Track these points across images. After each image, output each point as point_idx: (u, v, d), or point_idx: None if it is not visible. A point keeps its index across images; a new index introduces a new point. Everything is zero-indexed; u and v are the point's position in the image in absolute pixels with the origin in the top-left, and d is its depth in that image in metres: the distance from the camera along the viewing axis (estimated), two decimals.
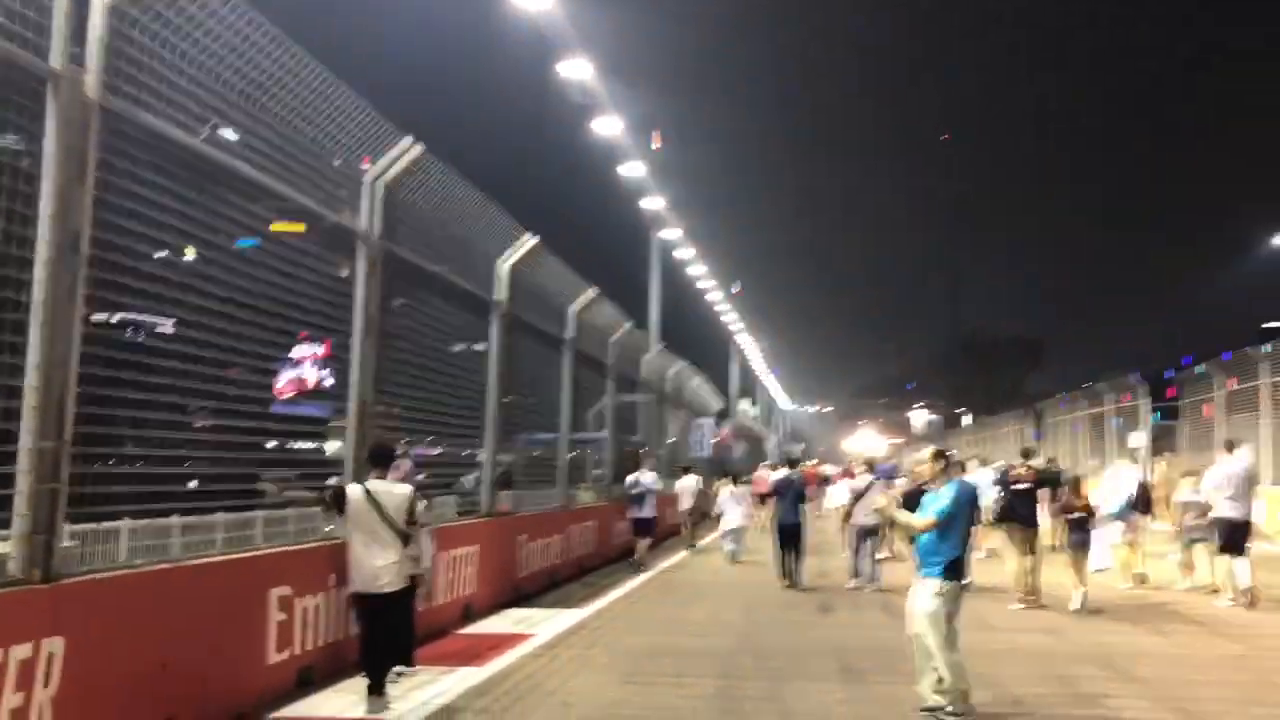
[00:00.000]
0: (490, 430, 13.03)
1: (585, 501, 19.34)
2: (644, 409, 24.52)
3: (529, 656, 9.59)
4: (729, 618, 12.03)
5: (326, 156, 9.00)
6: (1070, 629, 11.15)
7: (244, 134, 7.86)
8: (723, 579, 16.29)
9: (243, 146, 7.85)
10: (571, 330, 16.81)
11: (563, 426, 16.79)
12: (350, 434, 9.19)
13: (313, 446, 10.23)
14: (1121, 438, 35.10)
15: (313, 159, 8.75)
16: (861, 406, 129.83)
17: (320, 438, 11.03)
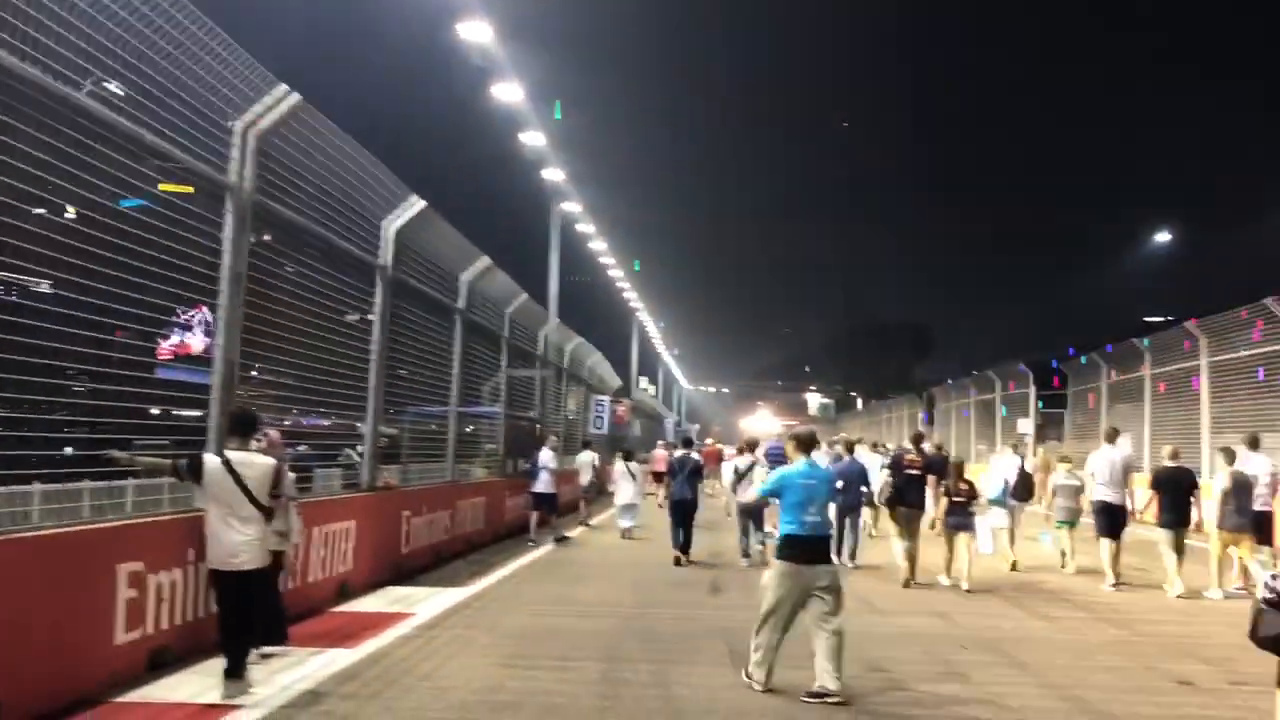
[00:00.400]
0: (373, 400, 12.44)
1: (477, 477, 18.83)
2: (541, 384, 24.04)
3: (405, 637, 9.11)
4: (617, 597, 11.70)
5: (195, 102, 8.33)
6: (958, 613, 11.11)
7: (108, 78, 7.20)
8: (614, 557, 15.97)
9: (102, 88, 7.19)
10: (463, 299, 16.24)
11: (453, 399, 16.23)
12: (215, 399, 8.55)
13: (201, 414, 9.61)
14: (1010, 424, 35.99)
15: (178, 103, 8.09)
16: (758, 388, 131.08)
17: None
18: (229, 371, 8.66)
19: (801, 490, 7.63)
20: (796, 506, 7.57)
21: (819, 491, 7.70)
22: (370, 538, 12.09)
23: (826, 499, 7.90)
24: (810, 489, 7.65)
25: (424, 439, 16.43)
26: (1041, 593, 12.70)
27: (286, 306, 10.47)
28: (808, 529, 7.53)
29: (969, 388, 40.51)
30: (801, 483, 7.67)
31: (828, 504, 7.94)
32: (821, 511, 7.70)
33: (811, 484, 7.69)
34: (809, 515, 7.54)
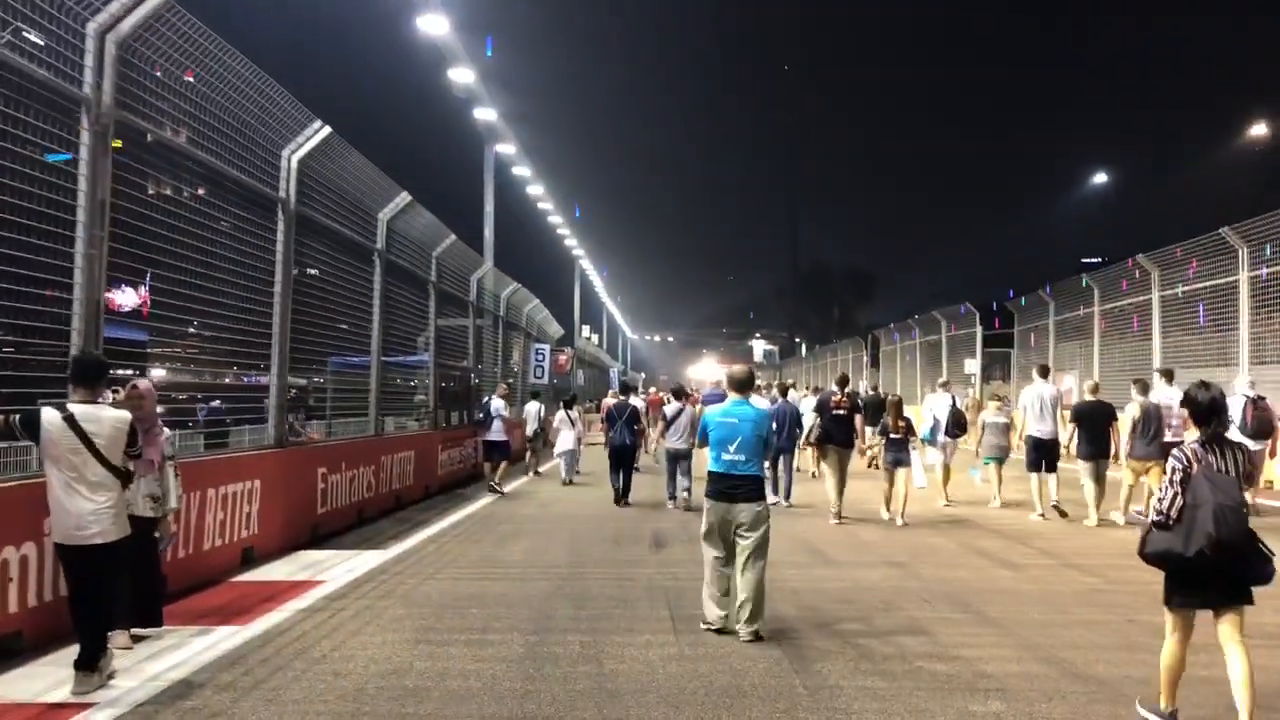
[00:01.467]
0: (277, 348, 11.31)
1: (407, 430, 17.75)
2: (476, 333, 22.90)
3: (308, 610, 8.10)
4: (551, 557, 10.78)
5: (44, 4, 7.10)
6: (916, 562, 10.36)
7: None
8: (552, 511, 15.03)
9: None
10: (382, 239, 15.04)
11: (374, 347, 15.08)
12: (75, 345, 7.40)
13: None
14: (956, 365, 35.63)
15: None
16: (704, 336, 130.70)
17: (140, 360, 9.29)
18: (91, 314, 7.51)
19: (723, 428, 7.59)
20: (717, 444, 7.58)
21: (740, 430, 7.55)
22: (280, 498, 11.04)
23: (751, 438, 7.57)
24: (731, 427, 7.57)
25: (350, 393, 15.30)
26: (974, 527, 13.05)
27: (173, 244, 9.28)
28: (724, 466, 7.53)
29: (913, 329, 40.03)
30: (722, 420, 7.64)
31: (756, 443, 7.61)
32: (745, 449, 7.52)
33: (732, 422, 7.60)
34: (727, 453, 7.51)
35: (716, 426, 7.64)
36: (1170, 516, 5.14)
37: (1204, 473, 5.13)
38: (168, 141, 8.79)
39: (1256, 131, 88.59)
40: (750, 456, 7.57)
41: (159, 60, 8.47)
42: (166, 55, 8.60)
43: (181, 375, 11.54)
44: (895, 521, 13.00)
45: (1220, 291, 19.59)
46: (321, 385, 14.84)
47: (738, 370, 8.38)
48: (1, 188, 6.98)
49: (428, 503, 16.34)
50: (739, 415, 7.68)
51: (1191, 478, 5.13)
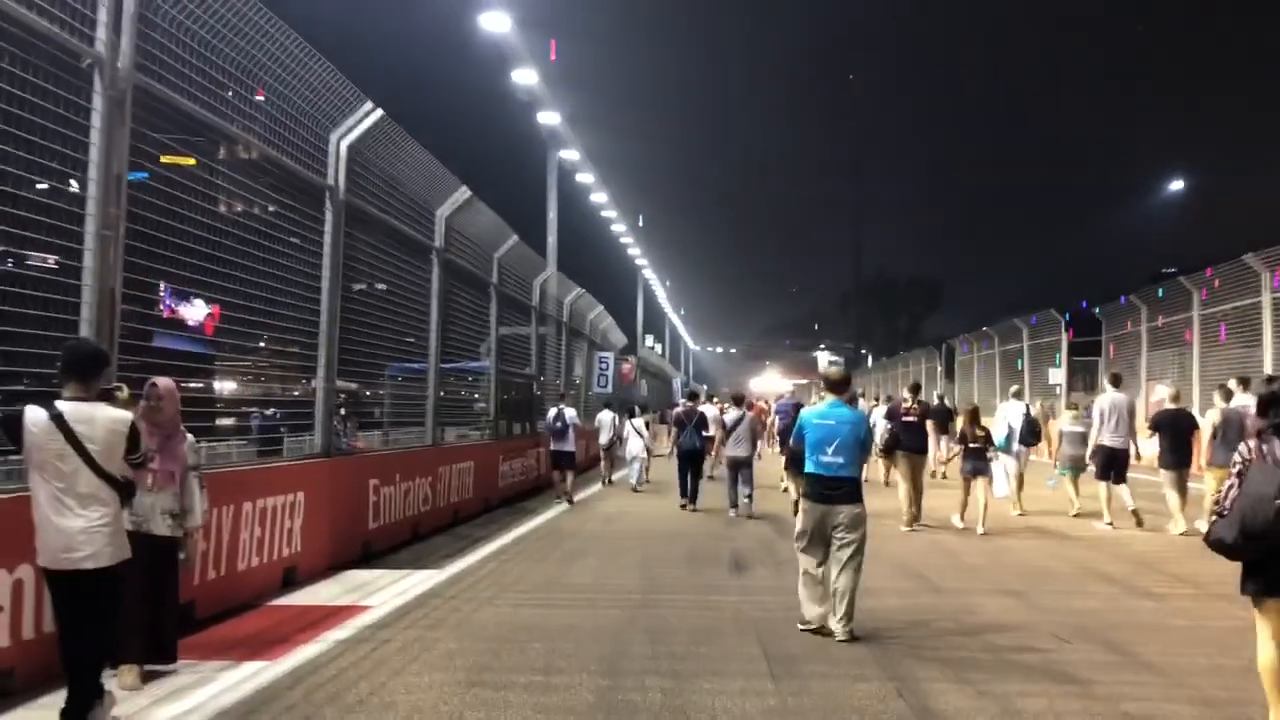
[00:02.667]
0: (324, 350, 10.41)
1: (467, 440, 16.83)
2: (539, 340, 21.97)
3: (349, 642, 7.12)
4: (622, 580, 9.69)
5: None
6: (1032, 591, 9.11)
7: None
8: (618, 527, 13.96)
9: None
10: (440, 237, 14.14)
11: (431, 351, 14.16)
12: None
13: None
14: (1035, 374, 33.98)
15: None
16: (767, 347, 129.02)
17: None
18: (105, 304, 6.61)
19: (820, 429, 7.53)
20: (815, 445, 7.51)
21: (839, 431, 7.47)
22: (326, 512, 10.12)
23: (850, 440, 7.48)
24: (830, 429, 7.50)
25: (407, 401, 14.40)
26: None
27: (206, 229, 8.40)
28: (822, 468, 7.46)
29: (991, 338, 38.36)
30: (818, 422, 7.59)
31: (855, 445, 7.50)
32: (844, 451, 7.43)
33: (829, 424, 7.54)
34: (825, 455, 7.44)
35: (814, 428, 7.55)
36: (1225, 507, 5.14)
37: (1258, 464, 5.07)
38: (195, 113, 7.86)
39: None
40: (849, 458, 7.47)
41: (187, 21, 7.58)
42: (196, 18, 7.72)
43: (227, 381, 10.72)
44: (975, 529, 12.76)
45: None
46: (377, 393, 13.98)
47: (834, 371, 8.30)
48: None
49: (488, 517, 15.37)
50: (837, 417, 7.60)
51: (1249, 468, 5.09)
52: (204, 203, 8.42)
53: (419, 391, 14.32)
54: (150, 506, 6.04)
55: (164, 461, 6.12)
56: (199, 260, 8.27)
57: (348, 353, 11.09)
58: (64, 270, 6.63)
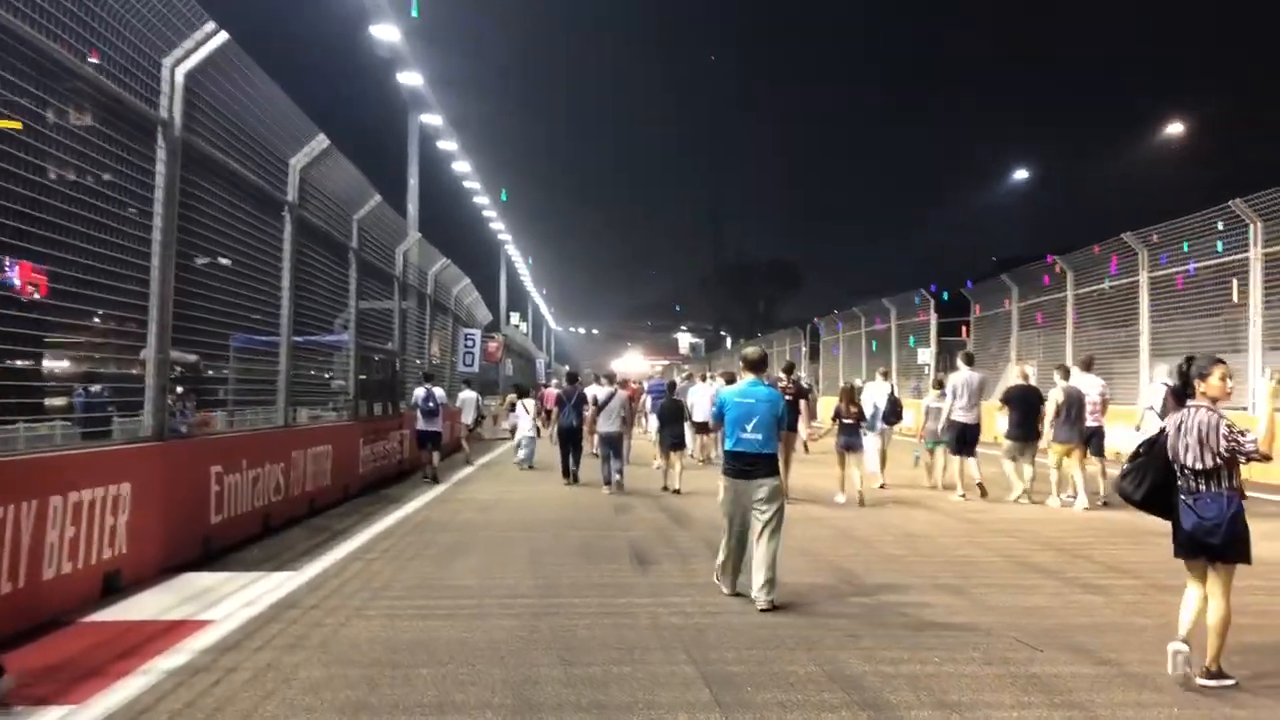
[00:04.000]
0: (156, 313, 8.78)
1: (323, 420, 15.23)
2: (401, 313, 20.34)
3: (184, 671, 5.69)
4: (512, 580, 8.42)
5: None
6: (971, 586, 8.27)
7: None
8: (497, 516, 12.66)
9: None
10: (294, 190, 12.52)
11: (283, 321, 12.53)
12: None
13: None
14: (903, 354, 34.06)
15: None
16: (629, 328, 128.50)
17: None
18: None
19: (740, 408, 7.66)
20: (733, 423, 7.64)
21: (757, 410, 7.63)
22: (158, 505, 8.56)
23: (768, 417, 7.64)
24: (749, 407, 7.64)
25: (256, 378, 12.70)
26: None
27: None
28: (742, 445, 7.60)
29: (858, 318, 38.33)
30: (738, 400, 7.71)
31: (772, 422, 7.66)
32: (762, 428, 7.59)
33: (750, 402, 7.67)
34: (744, 432, 7.59)
35: (733, 406, 7.67)
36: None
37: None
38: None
39: (1172, 130, 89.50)
40: (767, 435, 7.61)
41: None
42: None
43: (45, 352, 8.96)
44: (857, 503, 13.34)
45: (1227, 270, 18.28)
46: (221, 370, 12.27)
47: (751, 351, 8.30)
48: None
49: (349, 506, 13.85)
50: (755, 395, 7.72)
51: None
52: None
53: (269, 366, 12.67)
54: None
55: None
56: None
57: (186, 319, 9.47)
58: None
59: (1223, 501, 5.37)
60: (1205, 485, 5.42)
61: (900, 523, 11.78)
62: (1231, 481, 5.41)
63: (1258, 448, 5.35)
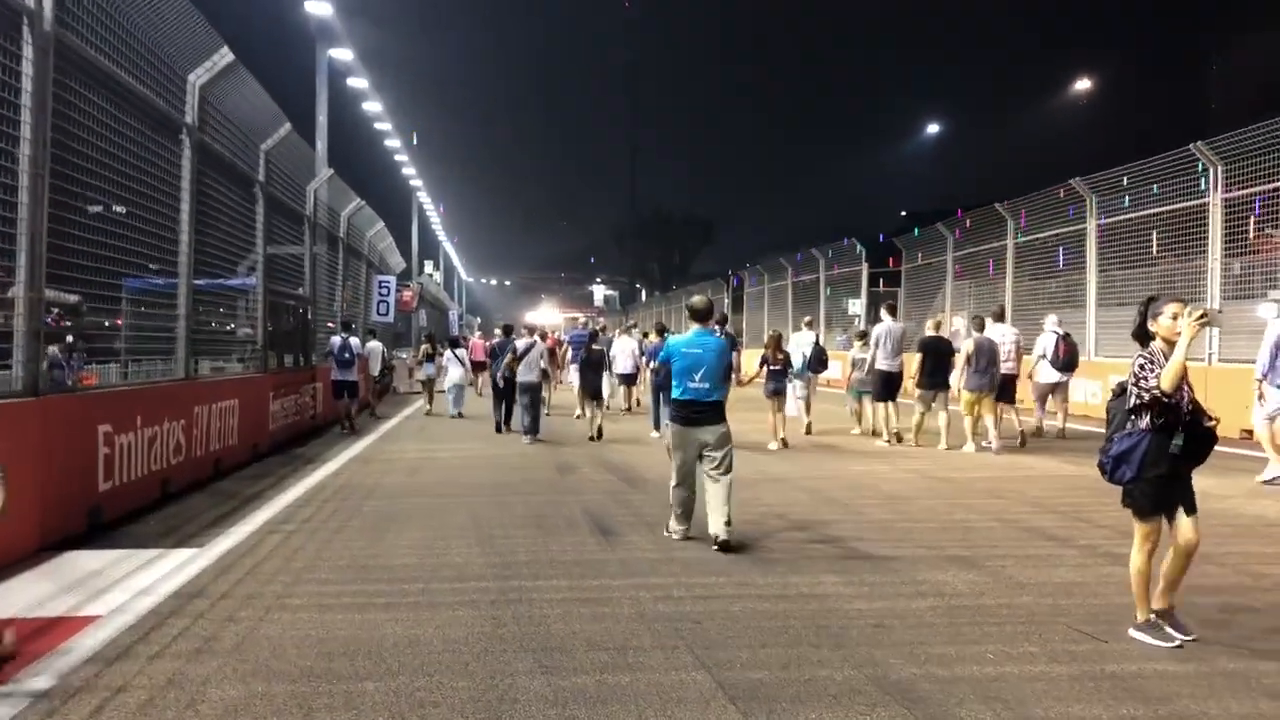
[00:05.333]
0: (28, 244, 7.33)
1: (228, 373, 13.74)
2: (312, 257, 18.76)
3: (59, 694, 4.44)
4: (459, 556, 7.25)
5: None
6: (983, 558, 7.37)
7: None
8: (428, 479, 11.42)
9: None
10: (193, 111, 10.98)
11: (182, 262, 11.05)
12: None
13: None
14: (834, 305, 33.48)
15: None
16: (542, 280, 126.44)
17: None
18: None
19: (688, 358, 7.71)
20: (683, 372, 7.71)
21: (705, 359, 7.69)
22: (32, 471, 7.21)
23: (717, 366, 7.74)
24: (696, 357, 7.70)
25: (153, 326, 11.18)
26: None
27: None
28: (690, 393, 7.69)
29: (784, 269, 37.56)
30: (685, 350, 7.75)
31: (721, 371, 7.77)
32: (710, 377, 7.68)
33: (696, 352, 7.72)
34: (693, 381, 7.67)
35: (681, 356, 7.74)
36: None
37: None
38: None
39: (1081, 86, 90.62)
40: (714, 383, 7.70)
41: None
42: None
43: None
44: (770, 446, 13.87)
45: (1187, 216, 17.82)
46: (113, 320, 10.73)
47: (698, 301, 8.31)
48: None
49: (259, 467, 12.50)
50: (703, 345, 7.78)
51: None
52: None
53: (167, 312, 11.18)
54: None
55: None
56: None
57: (66, 254, 8.02)
58: None
59: (1125, 441, 5.22)
60: (1131, 425, 5.24)
61: (872, 483, 10.87)
62: (1149, 421, 5.17)
63: (1158, 383, 5.05)
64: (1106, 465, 5.30)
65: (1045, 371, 15.24)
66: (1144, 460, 5.13)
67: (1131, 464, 5.16)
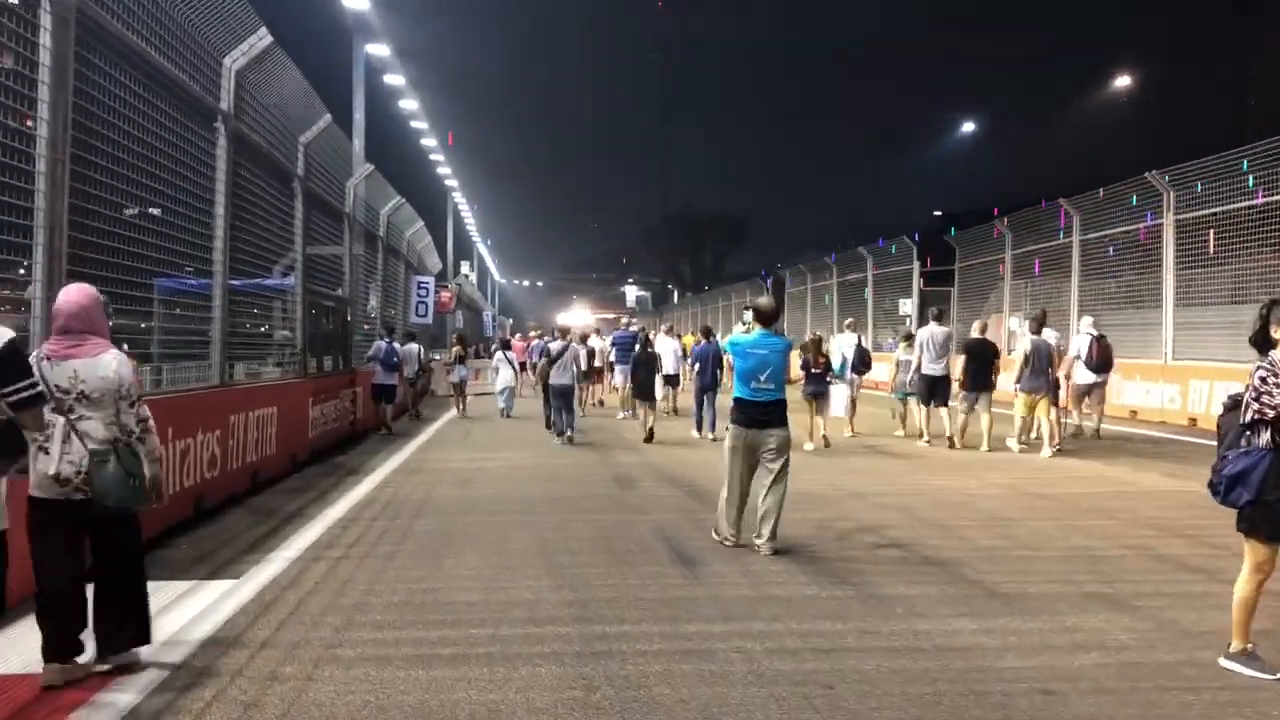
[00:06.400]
0: (44, 236, 6.55)
1: (265, 378, 12.96)
2: (351, 257, 18.01)
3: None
4: (527, 592, 6.35)
5: None
6: (1121, 595, 6.42)
7: None
8: (479, 491, 10.58)
9: None
10: (230, 97, 10.21)
11: (218, 260, 10.29)
12: None
13: None
14: (884, 305, 32.40)
15: None
16: (573, 282, 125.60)
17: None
18: None
19: (753, 358, 7.62)
20: (748, 373, 7.62)
21: (771, 360, 7.62)
22: None
23: (781, 368, 7.70)
24: (762, 358, 7.62)
25: (187, 328, 10.38)
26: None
27: None
28: (756, 394, 7.59)
29: (830, 269, 36.51)
30: (752, 350, 7.66)
31: (783, 372, 7.75)
32: (775, 379, 7.62)
33: (761, 353, 7.64)
34: (757, 382, 7.59)
35: (747, 357, 7.66)
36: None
37: None
38: None
39: (1121, 83, 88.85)
40: (779, 384, 7.68)
41: None
42: None
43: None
44: (806, 447, 13.70)
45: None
46: (140, 324, 9.94)
47: (764, 302, 8.24)
48: None
49: (299, 479, 11.73)
50: (769, 346, 7.71)
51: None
52: None
53: (202, 314, 10.40)
54: None
55: None
56: None
57: (88, 248, 7.25)
58: None
59: (1241, 461, 4.72)
60: (1247, 443, 4.74)
61: (964, 500, 9.92)
62: (1265, 439, 4.65)
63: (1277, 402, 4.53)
64: (1220, 486, 4.86)
65: (1080, 373, 15.13)
66: (1263, 482, 4.64)
67: (1249, 485, 4.69)
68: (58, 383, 4.64)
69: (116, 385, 4.72)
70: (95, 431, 4.66)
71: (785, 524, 7.64)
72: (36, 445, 4.59)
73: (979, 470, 12.05)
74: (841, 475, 11.70)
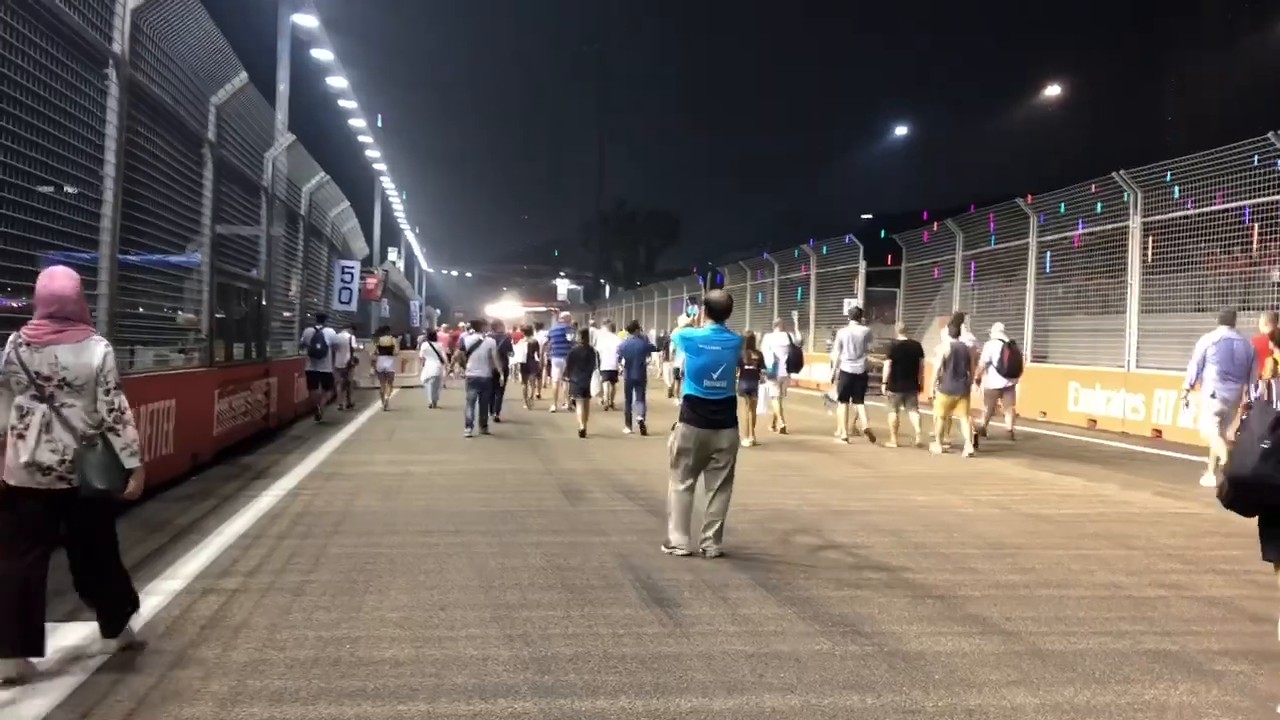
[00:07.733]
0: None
1: (163, 367, 11.43)
2: (269, 237, 16.45)
3: None
4: (472, 644, 5.09)
5: None
6: (1134, 632, 5.38)
7: None
8: (405, 504, 9.21)
9: None
10: (124, 40, 8.73)
11: (105, 226, 8.80)
12: None
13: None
14: (828, 304, 31.57)
15: None
16: (504, 273, 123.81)
17: None
18: None
19: (706, 355, 7.41)
20: (700, 370, 7.40)
21: (724, 357, 7.44)
22: None
23: (733, 365, 7.57)
24: (715, 354, 7.42)
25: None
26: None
27: None
28: (709, 392, 7.39)
29: (771, 266, 35.62)
30: (703, 347, 7.44)
31: (734, 368, 7.62)
32: (727, 376, 7.47)
33: (714, 349, 7.43)
34: (710, 380, 7.38)
35: (700, 353, 7.41)
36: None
37: (1260, 405, 4.40)
38: None
39: (1050, 92, 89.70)
40: (730, 382, 7.53)
41: None
42: None
43: None
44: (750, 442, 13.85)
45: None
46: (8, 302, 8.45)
47: (718, 296, 7.89)
48: None
49: (198, 483, 10.30)
50: (721, 342, 7.48)
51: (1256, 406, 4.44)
52: None
53: (88, 291, 8.89)
54: None
55: None
56: None
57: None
58: None
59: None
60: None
61: (956, 521, 8.85)
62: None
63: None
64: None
65: (993, 378, 15.55)
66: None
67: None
68: (38, 369, 4.54)
69: (100, 373, 4.63)
70: (78, 419, 4.57)
71: (764, 549, 7.39)
72: (15, 433, 4.49)
73: (957, 485, 11.04)
74: (809, 487, 10.60)
